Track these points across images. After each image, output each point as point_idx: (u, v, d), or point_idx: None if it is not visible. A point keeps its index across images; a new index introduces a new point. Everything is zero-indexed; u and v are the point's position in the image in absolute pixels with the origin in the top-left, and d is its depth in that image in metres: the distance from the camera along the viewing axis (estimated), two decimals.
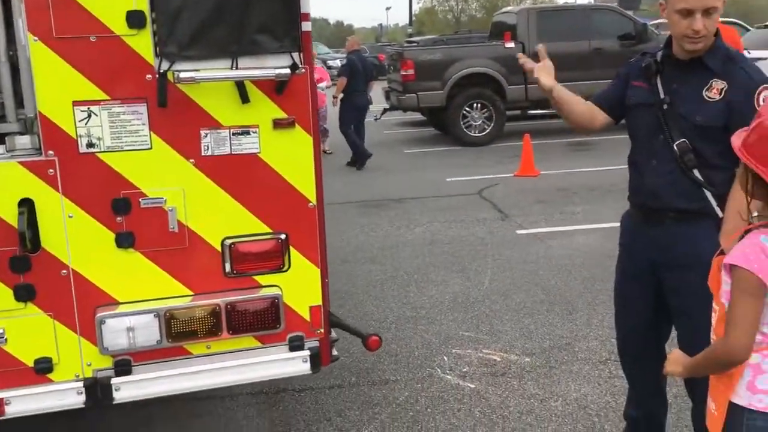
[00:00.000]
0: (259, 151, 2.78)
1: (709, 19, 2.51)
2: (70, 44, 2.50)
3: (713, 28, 2.54)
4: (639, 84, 2.77)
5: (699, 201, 2.60)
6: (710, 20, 2.51)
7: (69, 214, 2.62)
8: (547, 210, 7.96)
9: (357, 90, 11.37)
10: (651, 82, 2.71)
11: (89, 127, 2.58)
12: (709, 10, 2.49)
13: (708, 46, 2.57)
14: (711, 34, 2.54)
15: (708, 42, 2.56)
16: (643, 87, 2.74)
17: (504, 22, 14.04)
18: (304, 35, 2.74)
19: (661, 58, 2.71)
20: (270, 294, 2.85)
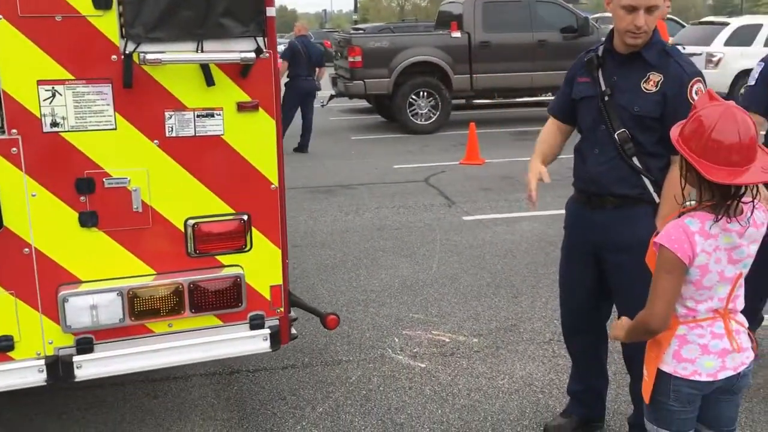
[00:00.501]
0: (222, 134, 2.84)
1: (651, 16, 2.69)
2: (36, 23, 2.50)
3: (653, 25, 2.71)
4: (583, 79, 2.95)
5: (638, 187, 2.79)
6: (651, 17, 2.69)
7: (32, 193, 2.62)
8: (492, 197, 8.18)
9: (300, 75, 11.38)
10: (593, 76, 2.88)
11: (53, 107, 2.59)
12: (651, 7, 2.67)
13: (647, 41, 2.74)
14: (651, 30, 2.72)
15: (647, 37, 2.74)
16: (587, 81, 2.92)
17: (450, 12, 14.21)
18: (268, 20, 2.80)
19: (603, 52, 2.88)
20: (232, 273, 2.91)
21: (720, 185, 1.98)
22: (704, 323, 2.13)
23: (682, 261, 2.03)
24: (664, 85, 2.69)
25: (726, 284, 2.09)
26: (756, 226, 2.08)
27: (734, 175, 1.94)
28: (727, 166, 1.94)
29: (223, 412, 3.66)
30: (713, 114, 1.98)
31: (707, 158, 1.95)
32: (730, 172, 1.94)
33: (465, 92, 13.36)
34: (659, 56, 2.75)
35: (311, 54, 11.54)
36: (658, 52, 2.76)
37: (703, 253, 2.04)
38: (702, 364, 2.13)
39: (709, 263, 2.06)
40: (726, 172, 1.93)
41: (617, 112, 2.78)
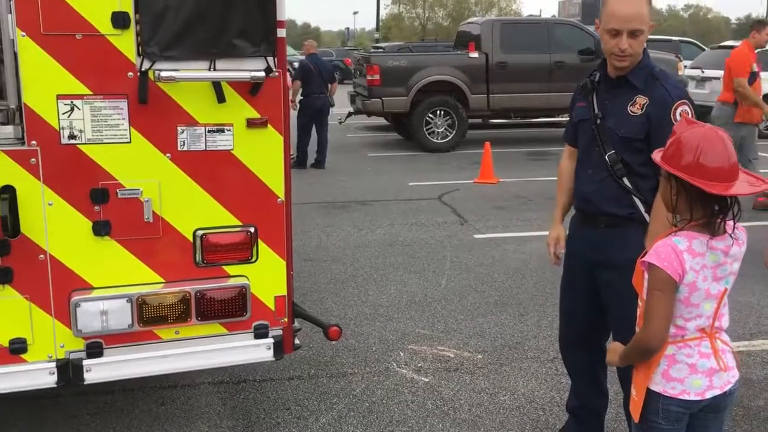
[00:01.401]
0: (232, 148, 2.95)
1: (635, 40, 2.77)
2: (57, 41, 2.64)
3: (639, 48, 2.79)
4: (581, 104, 3.05)
5: (628, 207, 2.86)
6: (636, 41, 2.77)
7: (49, 202, 2.74)
8: (504, 216, 8.24)
9: (313, 92, 11.57)
10: (588, 100, 2.98)
11: (72, 120, 2.71)
12: (634, 32, 2.75)
13: (634, 64, 2.82)
14: (637, 53, 2.80)
15: (634, 60, 2.81)
16: (583, 105, 3.01)
17: (469, 32, 14.36)
18: (279, 41, 2.92)
19: (598, 77, 2.96)
20: (238, 283, 3.01)
21: (711, 202, 2.05)
22: (692, 343, 2.18)
23: (673, 279, 2.10)
24: (648, 107, 2.77)
25: (712, 301, 2.15)
26: (738, 244, 2.14)
27: (727, 189, 2.02)
28: (718, 182, 2.02)
29: (228, 420, 3.74)
30: (696, 135, 2.06)
31: (699, 177, 2.03)
32: (725, 186, 2.03)
33: (482, 112, 13.47)
34: (645, 80, 2.82)
35: (322, 71, 11.75)
36: (645, 76, 2.83)
37: (691, 270, 2.10)
38: (690, 384, 2.18)
39: (697, 281, 2.12)
40: (722, 186, 2.02)
41: (607, 135, 2.87)
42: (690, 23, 71.15)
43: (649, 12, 2.77)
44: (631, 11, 2.72)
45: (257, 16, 2.82)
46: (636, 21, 2.73)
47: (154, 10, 2.69)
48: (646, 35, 2.78)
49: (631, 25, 2.72)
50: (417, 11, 61.91)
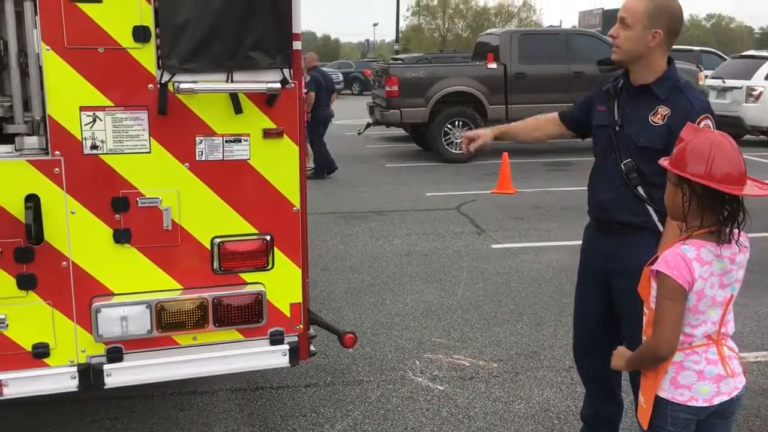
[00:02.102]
0: (249, 158, 3.01)
1: (623, 31, 2.82)
2: (80, 54, 2.73)
3: (626, 43, 2.82)
4: (601, 108, 3.05)
5: (642, 215, 2.87)
6: (623, 33, 2.82)
7: (71, 210, 2.83)
8: (521, 226, 8.24)
9: (321, 104, 11.74)
10: (609, 106, 2.99)
11: (94, 131, 2.80)
12: (622, 20, 2.82)
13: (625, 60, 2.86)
14: (623, 48, 2.83)
15: (622, 56, 2.86)
16: (604, 110, 3.02)
17: (487, 43, 14.42)
18: (294, 53, 2.99)
19: (621, 83, 2.98)
20: (254, 290, 3.07)
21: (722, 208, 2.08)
22: (699, 349, 2.20)
23: (683, 287, 2.11)
24: (670, 118, 2.77)
25: (718, 308, 2.17)
26: (743, 251, 2.16)
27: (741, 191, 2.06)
28: (732, 185, 2.05)
29: (246, 426, 3.79)
30: (707, 141, 2.09)
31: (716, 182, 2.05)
32: (740, 188, 2.06)
33: (500, 122, 13.46)
34: (669, 91, 2.83)
35: (327, 83, 11.92)
36: (669, 87, 2.84)
37: (700, 278, 2.12)
38: (698, 390, 2.20)
39: (705, 288, 2.14)
40: (738, 189, 2.06)
41: (625, 143, 2.88)
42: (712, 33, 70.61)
43: (647, 15, 2.77)
44: (628, 3, 2.82)
45: (273, 30, 2.89)
46: (625, 10, 2.81)
47: (174, 24, 2.77)
48: (634, 33, 2.78)
49: (621, 12, 2.82)
50: (437, 22, 62.07)
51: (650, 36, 2.77)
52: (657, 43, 2.79)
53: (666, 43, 2.82)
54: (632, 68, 2.89)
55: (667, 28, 2.79)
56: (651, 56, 2.82)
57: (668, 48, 2.85)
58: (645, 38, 2.78)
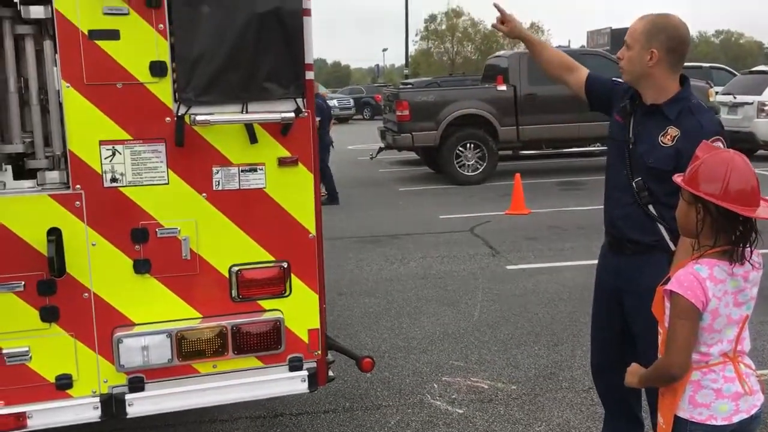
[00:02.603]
0: (264, 187, 3.06)
1: (626, 52, 2.86)
2: (99, 90, 2.80)
3: (628, 64, 2.87)
4: (618, 119, 3.06)
5: (653, 234, 2.88)
6: (626, 53, 2.86)
7: (92, 242, 2.88)
8: (536, 247, 8.23)
9: (324, 130, 11.86)
10: (625, 121, 3.00)
11: (113, 164, 2.86)
12: (625, 40, 2.88)
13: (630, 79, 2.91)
14: (626, 69, 2.89)
15: (627, 77, 2.91)
16: (620, 122, 3.03)
17: (496, 66, 14.50)
18: (307, 83, 3.05)
19: (635, 101, 2.99)
20: (272, 317, 3.10)
21: (736, 227, 2.08)
22: (716, 368, 2.20)
23: (696, 307, 2.12)
24: (680, 140, 2.77)
25: (733, 326, 2.17)
26: (756, 269, 2.17)
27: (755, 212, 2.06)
28: (748, 205, 2.06)
29: None
30: (722, 160, 2.11)
31: (731, 201, 2.06)
32: (753, 209, 2.07)
33: (512, 143, 13.53)
34: (680, 112, 2.83)
35: (327, 110, 12.12)
36: (680, 109, 2.84)
37: (714, 298, 2.13)
38: (717, 409, 2.19)
39: (719, 307, 2.14)
40: (751, 210, 2.06)
41: (636, 161, 2.90)
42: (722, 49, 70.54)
43: (644, 34, 2.81)
44: (630, 25, 2.89)
45: (286, 61, 2.96)
46: (628, 33, 2.88)
47: (189, 58, 2.84)
48: (636, 54, 2.82)
49: (626, 35, 2.88)
50: (445, 46, 62.52)
51: (648, 55, 2.80)
52: (656, 63, 2.80)
53: (668, 62, 2.81)
54: (640, 88, 2.92)
55: (666, 47, 2.79)
56: (655, 76, 2.84)
57: (674, 68, 2.84)
58: (644, 58, 2.81)
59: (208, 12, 2.85)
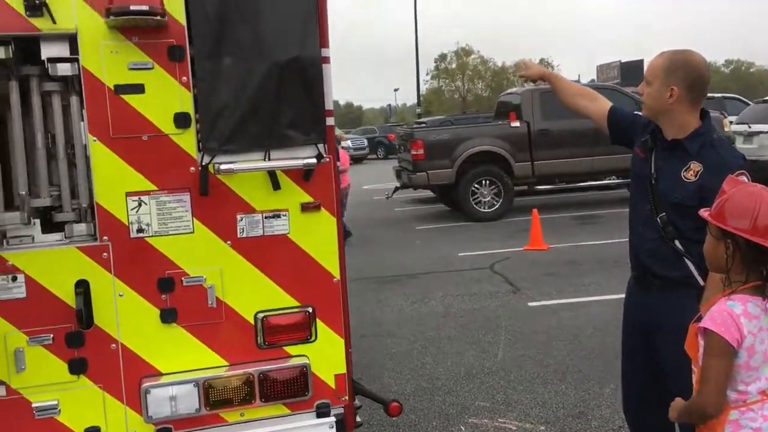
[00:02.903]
0: (288, 232, 3.08)
1: (647, 88, 2.87)
2: (125, 143, 2.85)
3: (649, 101, 2.89)
4: (639, 153, 3.05)
5: (681, 270, 2.84)
6: (647, 89, 2.87)
7: (119, 293, 2.90)
8: (557, 282, 8.17)
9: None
10: (647, 156, 3.00)
11: (139, 215, 2.89)
12: (645, 76, 2.90)
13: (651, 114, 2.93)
14: (647, 105, 2.90)
15: (647, 112, 2.93)
16: (641, 157, 3.03)
17: (509, 102, 14.61)
18: (328, 129, 3.08)
19: (656, 136, 2.99)
20: (299, 363, 3.08)
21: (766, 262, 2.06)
22: (755, 406, 2.15)
23: (731, 345, 2.09)
24: (703, 175, 2.76)
25: None
26: None
27: None
28: None
29: None
30: (751, 195, 2.09)
31: (760, 236, 2.05)
32: None
33: (527, 179, 13.54)
34: (701, 147, 2.82)
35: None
36: (702, 143, 2.83)
37: (749, 334, 2.09)
38: None
39: (755, 344, 2.11)
40: None
41: (659, 197, 2.89)
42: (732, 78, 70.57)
43: (663, 71, 2.83)
44: (650, 61, 2.92)
45: (307, 108, 3.00)
46: (647, 69, 2.90)
47: (212, 109, 2.89)
48: (656, 90, 2.84)
49: (646, 71, 2.90)
50: (456, 84, 63.14)
51: (668, 92, 2.80)
52: (677, 99, 2.80)
53: (688, 98, 2.81)
54: (661, 124, 2.92)
55: (686, 84, 2.79)
56: (676, 112, 2.84)
57: (694, 103, 2.85)
58: (664, 95, 2.82)
59: (229, 63, 2.91)
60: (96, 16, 2.76)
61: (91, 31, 2.77)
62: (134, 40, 2.81)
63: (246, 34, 2.91)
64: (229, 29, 2.89)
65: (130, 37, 2.80)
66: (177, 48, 2.86)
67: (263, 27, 2.92)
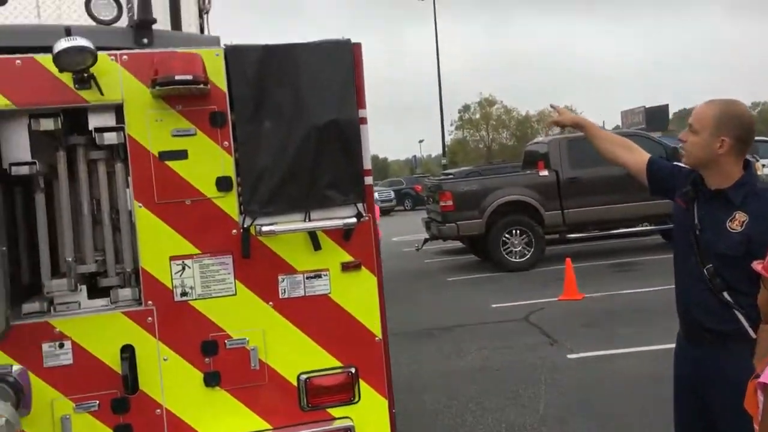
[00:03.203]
0: (329, 292, 3.08)
1: (691, 136, 2.84)
2: (169, 208, 2.89)
3: (693, 149, 2.84)
4: (680, 203, 3.01)
5: (731, 323, 2.76)
6: (691, 137, 2.84)
7: (164, 357, 2.91)
8: (595, 333, 8.02)
9: None
10: (689, 206, 2.96)
11: (183, 278, 2.92)
12: (690, 126, 2.86)
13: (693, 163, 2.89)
14: (692, 154, 2.86)
15: (692, 160, 2.88)
16: (683, 207, 2.98)
17: (536, 152, 14.64)
18: (366, 188, 3.11)
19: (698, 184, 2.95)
20: (343, 425, 3.04)
21: None
22: None
23: None
24: (749, 225, 2.72)
25: None
26: None
27: None
28: None
29: None
30: None
31: None
32: None
33: (558, 227, 13.45)
34: (746, 196, 2.78)
35: None
36: (746, 193, 2.79)
37: None
38: None
39: None
40: None
41: (705, 248, 2.84)
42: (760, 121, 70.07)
43: (714, 121, 2.79)
44: (696, 108, 2.89)
45: (345, 168, 3.03)
46: (694, 116, 2.86)
47: (254, 172, 2.94)
48: (702, 139, 2.80)
49: (690, 117, 2.88)
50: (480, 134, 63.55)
51: (718, 143, 2.78)
52: (726, 151, 2.78)
53: (736, 150, 2.79)
54: (704, 173, 2.89)
55: (736, 135, 2.77)
56: (722, 162, 2.81)
57: (740, 154, 2.82)
58: (713, 145, 2.79)
59: (269, 127, 2.96)
60: (142, 87, 2.84)
61: (136, 100, 2.86)
62: (178, 107, 2.89)
63: (285, 98, 2.98)
64: (268, 94, 2.96)
65: (174, 105, 2.88)
66: (219, 114, 2.93)
67: (302, 91, 2.98)
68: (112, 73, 2.83)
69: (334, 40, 3.08)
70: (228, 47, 2.96)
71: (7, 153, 2.83)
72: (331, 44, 3.06)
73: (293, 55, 3.00)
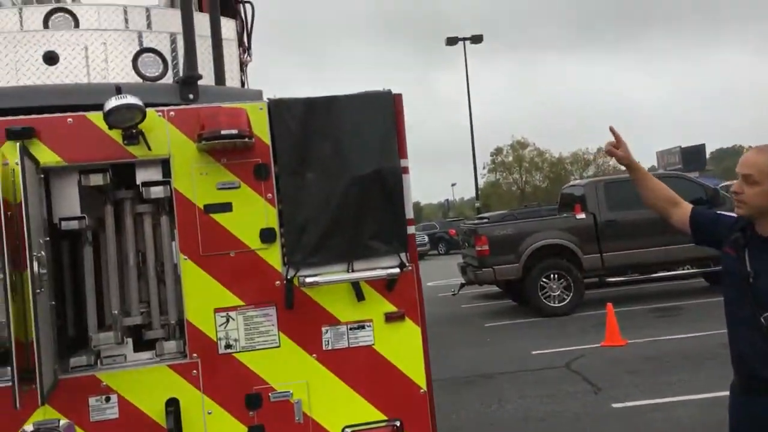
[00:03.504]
0: (373, 343, 3.05)
1: (749, 187, 2.74)
2: (214, 260, 2.92)
3: (754, 200, 2.74)
4: (729, 251, 2.93)
5: None
6: (749, 189, 2.74)
7: (208, 411, 2.89)
8: (639, 381, 7.78)
9: None
10: (739, 254, 2.88)
11: (227, 331, 2.92)
12: (746, 177, 2.75)
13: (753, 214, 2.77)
14: (751, 204, 2.76)
15: (751, 210, 2.77)
16: (732, 255, 2.91)
17: (572, 194, 14.50)
18: (409, 237, 3.10)
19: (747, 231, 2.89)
20: None
21: None
22: None
23: None
24: None
25: None
26: None
27: None
28: None
29: None
30: None
31: None
32: None
33: (597, 271, 13.22)
34: None
35: None
36: None
37: None
38: None
39: None
40: None
41: (760, 296, 2.75)
42: None
43: None
44: (748, 157, 2.79)
45: (389, 219, 3.03)
46: (746, 167, 2.77)
47: (297, 223, 2.95)
48: (764, 188, 2.72)
49: (742, 169, 2.77)
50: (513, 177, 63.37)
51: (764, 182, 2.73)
52: None
53: None
54: (759, 221, 2.82)
55: None
56: None
57: None
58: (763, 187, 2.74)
59: (312, 179, 2.99)
60: (188, 142, 2.90)
61: (182, 155, 2.91)
62: (223, 161, 2.93)
63: (328, 150, 3.01)
64: (311, 146, 2.99)
65: (219, 158, 2.92)
66: (263, 166, 2.97)
67: (344, 142, 3.01)
68: (160, 128, 2.89)
69: (375, 91, 3.12)
70: (271, 101, 3.01)
71: (58, 208, 2.89)
72: (372, 96, 3.09)
73: (335, 107, 3.03)
